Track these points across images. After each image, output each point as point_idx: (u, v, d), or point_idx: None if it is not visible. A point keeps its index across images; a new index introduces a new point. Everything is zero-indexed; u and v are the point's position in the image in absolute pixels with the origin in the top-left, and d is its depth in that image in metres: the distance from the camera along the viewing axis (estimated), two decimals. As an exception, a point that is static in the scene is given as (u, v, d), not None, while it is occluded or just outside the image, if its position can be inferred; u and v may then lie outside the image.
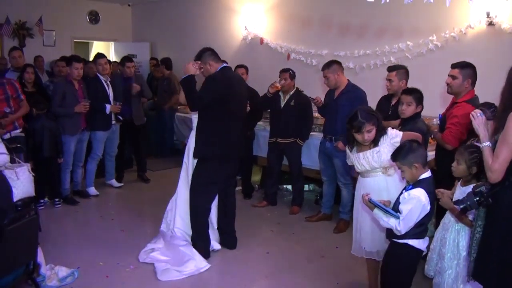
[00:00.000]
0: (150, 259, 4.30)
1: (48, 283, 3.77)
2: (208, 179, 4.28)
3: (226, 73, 4.32)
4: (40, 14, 9.51)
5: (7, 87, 5.09)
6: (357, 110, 3.40)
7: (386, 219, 2.91)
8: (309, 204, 6.03)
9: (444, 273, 3.04)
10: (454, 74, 3.99)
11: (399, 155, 2.97)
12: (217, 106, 4.12)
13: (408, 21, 6.00)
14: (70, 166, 5.92)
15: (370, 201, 2.98)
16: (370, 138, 3.34)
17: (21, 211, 3.00)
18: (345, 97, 4.95)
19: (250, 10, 8.03)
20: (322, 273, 4.17)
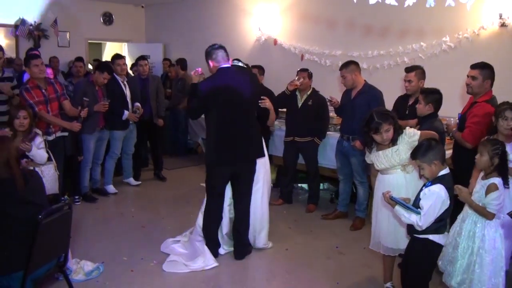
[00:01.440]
0: (168, 250, 4.45)
1: (74, 277, 3.87)
2: (210, 184, 4.34)
3: (217, 76, 4.13)
4: (55, 15, 9.64)
5: (56, 86, 5.19)
6: (372, 112, 3.50)
7: (407, 215, 3.00)
8: (324, 202, 6.11)
9: (457, 263, 3.09)
10: (474, 74, 4.05)
11: (419, 153, 3.06)
12: (208, 112, 4.14)
13: (422, 22, 6.07)
14: (89, 164, 6.03)
15: (391, 198, 3.08)
16: (389, 138, 3.43)
17: (56, 206, 3.09)
18: (362, 97, 5.02)
19: (264, 11, 8.13)
20: (341, 270, 4.25)
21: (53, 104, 5.07)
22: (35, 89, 4.93)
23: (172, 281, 3.97)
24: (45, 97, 4.97)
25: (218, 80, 4.09)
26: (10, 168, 2.90)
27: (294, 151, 5.81)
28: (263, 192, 4.52)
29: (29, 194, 2.93)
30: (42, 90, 4.97)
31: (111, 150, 6.36)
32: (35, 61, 4.93)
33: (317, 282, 4.02)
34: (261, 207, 4.52)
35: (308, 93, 5.69)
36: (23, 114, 4.24)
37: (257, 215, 4.50)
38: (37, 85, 4.94)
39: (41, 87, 4.97)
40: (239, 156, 4.21)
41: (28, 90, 4.88)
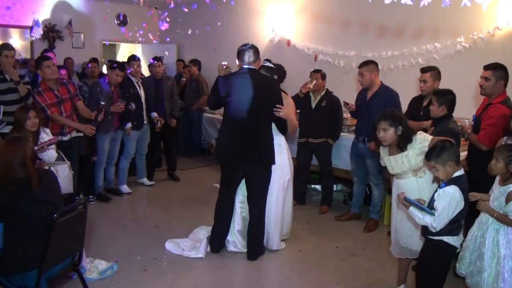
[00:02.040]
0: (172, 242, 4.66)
1: (88, 276, 3.89)
2: (221, 178, 4.52)
3: (234, 74, 4.29)
4: (70, 17, 9.72)
5: (69, 86, 5.21)
6: (385, 109, 3.52)
7: (421, 216, 2.99)
8: (337, 204, 6.10)
9: (484, 273, 3.04)
10: (487, 76, 4.01)
11: (433, 155, 3.03)
12: (223, 108, 4.31)
13: (436, 22, 6.02)
14: (103, 164, 6.07)
15: (405, 199, 3.07)
16: (384, 138, 3.43)
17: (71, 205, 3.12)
18: (378, 98, 4.99)
19: (277, 12, 8.13)
20: (355, 271, 4.23)
21: (66, 104, 5.09)
22: (48, 91, 4.95)
23: (184, 281, 3.98)
24: (57, 98, 4.99)
25: (231, 79, 4.24)
26: (26, 167, 2.94)
27: (308, 152, 5.81)
28: (277, 196, 4.50)
29: (44, 194, 2.96)
30: (55, 92, 4.98)
31: (125, 150, 6.40)
32: (47, 62, 4.95)
33: (330, 283, 4.00)
34: (275, 210, 4.51)
35: (322, 94, 5.68)
36: (33, 114, 4.26)
37: (271, 218, 4.50)
38: (49, 87, 4.96)
39: (53, 89, 4.99)
40: (240, 156, 4.25)
41: (40, 93, 4.91)
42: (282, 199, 4.55)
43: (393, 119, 3.39)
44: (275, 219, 4.52)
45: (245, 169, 4.31)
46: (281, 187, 4.53)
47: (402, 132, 3.39)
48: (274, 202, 4.50)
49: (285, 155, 4.56)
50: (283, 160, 4.53)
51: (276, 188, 4.49)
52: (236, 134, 4.22)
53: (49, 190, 3.02)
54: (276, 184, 4.48)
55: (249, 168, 4.29)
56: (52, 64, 4.97)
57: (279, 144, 4.46)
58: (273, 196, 4.49)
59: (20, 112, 4.29)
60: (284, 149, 4.56)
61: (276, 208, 4.52)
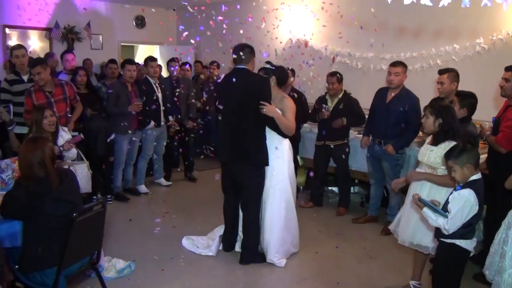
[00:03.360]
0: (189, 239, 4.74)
1: (106, 274, 3.94)
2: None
3: (227, 75, 4.38)
4: (89, 19, 9.82)
5: (66, 87, 5.20)
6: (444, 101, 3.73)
7: (434, 217, 2.97)
8: (354, 206, 6.07)
9: (504, 273, 2.99)
10: (507, 77, 3.96)
11: (452, 155, 3.01)
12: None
13: (455, 23, 5.97)
14: (122, 165, 6.14)
15: (420, 200, 3.04)
16: (424, 123, 3.52)
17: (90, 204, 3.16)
18: (399, 102, 4.94)
19: (295, 13, 8.11)
20: (371, 274, 4.21)
21: (59, 105, 5.05)
22: (38, 92, 4.91)
23: (201, 281, 4.00)
24: (48, 99, 4.92)
25: (222, 80, 4.41)
26: (45, 167, 2.97)
27: (325, 155, 5.78)
28: (272, 202, 4.31)
29: (64, 193, 3.00)
30: (46, 93, 4.93)
31: (143, 151, 6.45)
32: (33, 70, 4.89)
33: (346, 286, 3.99)
34: (269, 217, 4.33)
35: (339, 96, 5.67)
36: (49, 113, 4.32)
37: (266, 225, 4.35)
38: (40, 88, 4.92)
39: (45, 90, 4.94)
40: (227, 155, 4.32)
41: (29, 94, 4.89)
42: (278, 206, 4.32)
43: (436, 109, 3.42)
44: (269, 226, 4.33)
45: (234, 168, 4.33)
46: (277, 193, 4.31)
47: (441, 126, 3.39)
48: (268, 208, 4.33)
49: (283, 160, 4.33)
50: (282, 165, 4.32)
51: (271, 193, 4.31)
52: (225, 134, 4.30)
53: (68, 190, 3.05)
54: (271, 189, 4.31)
55: (237, 167, 4.30)
56: (37, 73, 4.84)
57: (275, 147, 4.29)
58: (267, 202, 4.33)
59: (36, 112, 4.34)
60: (284, 154, 4.34)
61: (271, 215, 4.32)
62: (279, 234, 4.34)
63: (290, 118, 4.25)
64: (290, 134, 4.30)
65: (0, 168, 3.80)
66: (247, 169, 4.26)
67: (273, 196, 4.31)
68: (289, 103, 4.29)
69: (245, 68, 4.27)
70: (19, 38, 9.63)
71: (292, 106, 4.30)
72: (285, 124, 4.21)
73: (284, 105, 4.27)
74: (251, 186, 4.29)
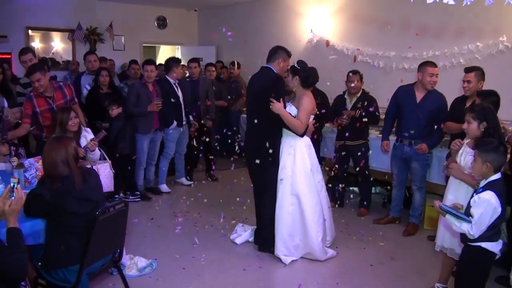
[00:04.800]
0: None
1: (128, 272, 3.97)
2: None
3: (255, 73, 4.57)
4: (111, 20, 9.93)
5: (65, 89, 5.05)
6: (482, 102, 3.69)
7: (458, 224, 2.94)
8: (376, 206, 6.02)
9: None
10: None
11: (484, 147, 2.99)
12: None
13: (478, 22, 5.87)
14: (143, 164, 6.19)
15: (441, 208, 3.00)
16: (467, 129, 3.43)
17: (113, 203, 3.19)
18: (430, 102, 4.87)
19: (316, 13, 8.09)
20: (393, 275, 4.17)
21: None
22: (39, 97, 4.78)
23: (222, 280, 4.01)
24: (50, 105, 4.81)
25: (250, 78, 4.61)
26: (69, 166, 3.00)
27: (345, 155, 5.73)
28: (279, 199, 4.33)
29: (87, 191, 3.02)
30: (47, 99, 4.81)
31: (165, 150, 6.51)
32: (31, 76, 4.71)
33: (368, 287, 3.96)
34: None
35: (358, 95, 5.62)
36: (73, 115, 4.37)
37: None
38: (40, 93, 4.77)
39: (46, 95, 4.81)
40: (244, 150, 4.71)
41: (30, 99, 4.78)
42: (285, 201, 4.31)
43: (482, 116, 3.36)
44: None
45: (248, 162, 4.54)
46: (285, 189, 4.31)
47: (485, 129, 3.34)
48: (277, 203, 4.36)
49: (295, 158, 4.30)
50: (292, 162, 4.30)
51: (280, 189, 4.34)
52: (246, 131, 4.69)
53: (91, 188, 3.08)
54: (280, 185, 4.34)
55: (249, 161, 4.51)
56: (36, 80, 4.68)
57: (290, 145, 4.32)
58: (277, 196, 4.37)
59: (62, 113, 4.39)
60: (297, 152, 4.30)
61: (278, 209, 4.34)
62: (284, 230, 4.33)
63: (301, 117, 4.25)
64: (298, 133, 4.26)
65: (24, 167, 3.87)
66: (252, 162, 4.39)
67: (281, 192, 4.34)
68: (305, 102, 4.27)
69: (269, 67, 4.39)
70: (42, 39, 9.81)
71: (307, 106, 4.27)
72: (290, 122, 4.20)
73: (300, 104, 4.29)
74: (255, 179, 4.50)
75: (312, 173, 4.38)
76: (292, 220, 4.31)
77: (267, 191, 4.42)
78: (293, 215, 4.30)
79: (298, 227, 4.32)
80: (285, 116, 4.17)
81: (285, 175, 4.31)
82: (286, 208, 4.31)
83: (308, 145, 4.41)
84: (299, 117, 4.24)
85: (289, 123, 4.19)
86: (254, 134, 4.42)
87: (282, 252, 4.33)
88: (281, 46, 4.49)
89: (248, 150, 4.56)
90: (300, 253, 4.38)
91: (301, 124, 4.23)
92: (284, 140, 4.36)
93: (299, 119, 4.23)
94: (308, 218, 4.27)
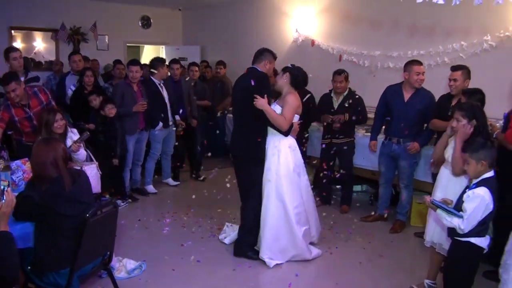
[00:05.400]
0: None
1: (117, 275, 3.93)
2: None
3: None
4: (95, 19, 9.84)
5: (40, 95, 4.92)
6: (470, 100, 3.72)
7: (449, 218, 2.97)
8: (363, 204, 6.07)
9: None
10: None
11: (471, 148, 3.03)
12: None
13: (462, 21, 5.93)
14: (130, 165, 6.14)
15: (432, 202, 3.04)
16: (456, 127, 3.43)
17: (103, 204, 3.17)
18: (418, 100, 4.92)
19: (301, 12, 8.11)
20: (381, 273, 4.21)
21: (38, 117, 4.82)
22: (16, 107, 4.66)
23: (213, 281, 4.01)
24: (27, 114, 4.71)
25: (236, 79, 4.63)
26: (58, 167, 2.97)
27: (331, 153, 5.76)
28: (265, 200, 4.30)
29: (77, 193, 3.00)
30: (24, 108, 4.69)
31: (151, 151, 6.47)
32: (7, 87, 4.55)
33: (356, 284, 4.00)
34: (262, 215, 4.33)
35: (345, 94, 5.66)
36: (59, 117, 4.32)
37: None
38: (17, 103, 4.64)
39: (22, 104, 4.68)
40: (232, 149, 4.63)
41: (8, 108, 4.64)
42: (270, 203, 4.27)
43: (472, 114, 3.38)
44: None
45: (235, 162, 4.55)
46: (270, 190, 4.27)
47: (475, 127, 3.37)
48: (263, 205, 4.34)
49: (279, 159, 4.27)
50: (276, 163, 4.26)
51: (265, 190, 4.31)
52: (232, 130, 4.73)
53: (81, 190, 3.05)
54: (265, 186, 4.32)
55: (235, 161, 4.54)
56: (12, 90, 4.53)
57: (275, 146, 4.29)
58: (263, 198, 4.35)
59: (48, 114, 4.33)
60: (281, 152, 4.27)
61: (263, 211, 4.32)
62: (270, 233, 4.28)
63: (285, 113, 4.21)
64: (282, 129, 4.23)
65: (11, 170, 3.82)
66: (237, 162, 4.43)
67: (266, 193, 4.31)
68: (289, 99, 4.25)
69: (255, 67, 4.39)
70: (24, 39, 9.69)
71: (292, 102, 4.25)
72: (274, 118, 4.17)
73: (285, 101, 4.27)
74: (240, 178, 4.47)
75: (297, 174, 4.35)
76: (277, 222, 4.27)
77: (252, 192, 4.39)
78: (278, 217, 4.27)
79: (284, 229, 4.28)
80: (269, 112, 4.14)
81: (270, 177, 4.28)
82: (271, 210, 4.27)
83: (292, 146, 4.37)
84: (284, 113, 4.20)
85: (273, 119, 4.16)
86: (240, 134, 4.43)
87: (266, 255, 4.29)
88: (267, 48, 4.49)
89: (234, 150, 4.57)
90: (287, 257, 4.33)
91: (284, 121, 4.19)
92: (269, 141, 4.33)
93: (283, 115, 4.19)
94: (293, 220, 4.25)
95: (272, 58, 4.45)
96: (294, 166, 4.31)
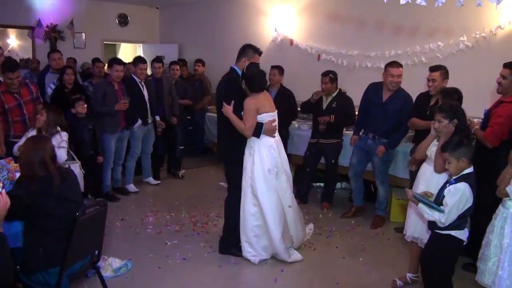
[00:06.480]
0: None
1: (103, 273, 3.89)
2: None
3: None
4: (71, 17, 9.73)
5: (31, 87, 5.06)
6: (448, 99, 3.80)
7: (430, 212, 3.07)
8: (343, 201, 6.19)
9: (489, 261, 3.12)
10: (505, 74, 4.03)
11: (449, 147, 3.12)
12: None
13: (439, 21, 6.04)
14: (111, 164, 6.11)
15: (414, 196, 3.14)
16: (438, 128, 3.49)
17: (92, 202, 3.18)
18: (396, 102, 5.03)
19: (280, 11, 8.15)
20: (364, 267, 4.32)
21: (28, 106, 5.00)
22: (6, 94, 4.79)
23: (199, 278, 4.05)
24: (18, 101, 4.82)
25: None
26: (46, 166, 2.97)
27: (317, 152, 5.85)
28: (243, 200, 4.34)
29: (66, 192, 3.00)
30: (15, 95, 4.81)
31: (131, 150, 6.45)
32: (14, 74, 4.74)
33: (340, 279, 4.07)
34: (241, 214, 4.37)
35: (334, 95, 5.72)
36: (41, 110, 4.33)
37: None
38: (7, 90, 4.80)
39: (13, 92, 4.81)
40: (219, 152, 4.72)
41: None
42: (247, 202, 4.31)
43: (453, 115, 3.45)
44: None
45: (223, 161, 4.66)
46: (247, 190, 4.31)
47: (456, 126, 3.43)
48: (237, 202, 4.38)
49: (254, 159, 4.28)
50: (251, 163, 4.29)
51: (243, 190, 4.35)
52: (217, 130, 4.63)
53: (70, 189, 3.05)
54: (244, 186, 4.35)
55: (223, 161, 4.65)
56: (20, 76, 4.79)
57: (251, 146, 4.31)
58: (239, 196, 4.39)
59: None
60: (256, 153, 4.28)
61: (242, 211, 4.36)
62: (250, 231, 4.33)
63: (244, 119, 4.19)
64: (245, 135, 4.23)
65: (-4, 169, 3.78)
66: (229, 164, 4.47)
67: (244, 193, 4.34)
68: (245, 105, 4.19)
69: (233, 67, 4.41)
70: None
71: (247, 108, 4.18)
72: (236, 125, 4.18)
73: (243, 108, 4.22)
74: (227, 178, 4.58)
75: (274, 174, 4.31)
76: (256, 221, 4.31)
77: (231, 192, 4.47)
78: (256, 216, 4.31)
79: (262, 228, 4.32)
80: (233, 119, 4.15)
81: (247, 176, 4.31)
82: (249, 209, 4.32)
83: (269, 146, 4.32)
84: (243, 120, 4.19)
85: (236, 126, 4.18)
86: (223, 134, 4.45)
87: (250, 254, 4.34)
88: (249, 44, 4.44)
89: (219, 150, 4.66)
90: (269, 253, 4.38)
91: (244, 127, 4.19)
92: (247, 141, 4.34)
93: (243, 122, 4.19)
94: (269, 220, 4.26)
95: (253, 53, 4.35)
96: (270, 166, 4.29)
